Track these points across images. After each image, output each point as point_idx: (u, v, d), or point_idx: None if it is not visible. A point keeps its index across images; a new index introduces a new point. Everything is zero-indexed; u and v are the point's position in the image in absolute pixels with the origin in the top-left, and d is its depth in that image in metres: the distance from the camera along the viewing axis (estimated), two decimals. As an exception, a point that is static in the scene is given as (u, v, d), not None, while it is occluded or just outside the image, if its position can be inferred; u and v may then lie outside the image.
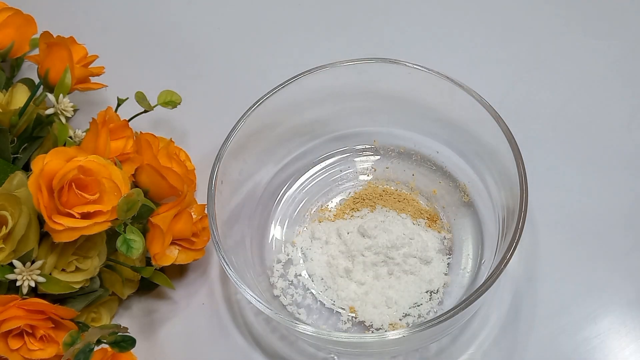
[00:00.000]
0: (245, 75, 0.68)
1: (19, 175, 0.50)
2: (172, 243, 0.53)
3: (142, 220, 0.53)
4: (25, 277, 0.47)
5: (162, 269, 0.53)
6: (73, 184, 0.47)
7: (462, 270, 0.54)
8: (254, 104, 0.55)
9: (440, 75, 0.54)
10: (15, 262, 0.47)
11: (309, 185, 0.60)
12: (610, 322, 0.53)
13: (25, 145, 0.56)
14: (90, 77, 0.60)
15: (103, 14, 0.74)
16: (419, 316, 0.53)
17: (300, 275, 0.55)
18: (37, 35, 0.62)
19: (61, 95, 0.55)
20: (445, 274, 0.54)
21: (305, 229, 0.57)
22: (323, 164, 0.60)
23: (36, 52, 0.61)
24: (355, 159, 0.60)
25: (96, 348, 0.45)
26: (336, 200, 0.59)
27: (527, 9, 0.70)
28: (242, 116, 0.54)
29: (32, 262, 0.48)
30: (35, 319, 0.47)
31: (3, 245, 0.47)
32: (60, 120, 0.55)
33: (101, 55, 0.62)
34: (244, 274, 0.51)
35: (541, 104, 0.64)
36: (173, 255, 0.53)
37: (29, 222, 0.48)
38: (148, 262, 0.55)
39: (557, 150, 0.61)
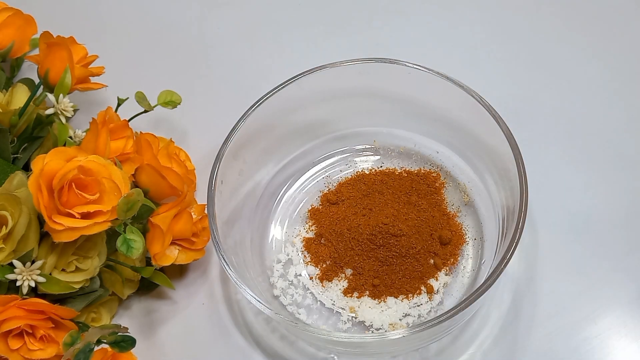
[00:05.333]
0: (245, 75, 0.68)
1: (19, 175, 0.50)
2: (172, 243, 0.53)
3: (142, 220, 0.53)
4: (25, 277, 0.47)
5: (162, 269, 0.53)
6: (73, 184, 0.47)
7: (462, 270, 0.54)
8: (254, 104, 0.55)
9: (440, 75, 0.54)
10: (15, 262, 0.47)
11: (309, 185, 0.60)
12: (610, 322, 0.53)
13: (25, 145, 0.56)
14: (90, 77, 0.60)
15: (103, 14, 0.74)
16: (419, 316, 0.53)
17: (300, 275, 0.55)
18: (37, 35, 0.62)
19: (61, 95, 0.55)
20: (446, 274, 0.54)
21: (305, 229, 0.57)
22: (323, 164, 0.60)
23: (36, 52, 0.61)
24: (355, 159, 0.60)
25: (96, 348, 0.45)
26: (336, 200, 0.59)
27: (527, 9, 0.70)
28: (242, 116, 0.54)
29: (32, 262, 0.48)
30: (35, 319, 0.47)
31: (3, 245, 0.47)
32: (60, 120, 0.55)
33: (101, 55, 0.62)
34: (244, 274, 0.51)
35: (541, 104, 0.64)
36: (173, 255, 0.53)
37: (29, 222, 0.48)
38: (148, 262, 0.55)
39: (557, 150, 0.61)
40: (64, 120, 0.55)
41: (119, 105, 0.58)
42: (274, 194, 0.59)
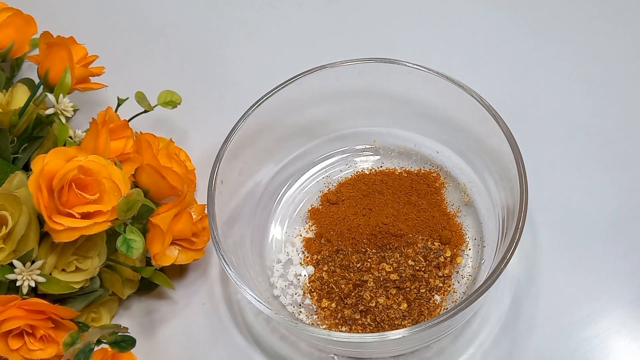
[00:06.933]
0: (245, 75, 0.68)
1: (19, 175, 0.50)
2: (172, 243, 0.53)
3: (142, 220, 0.53)
4: (25, 277, 0.47)
5: (162, 269, 0.53)
6: (73, 184, 0.47)
7: (462, 270, 0.54)
8: (254, 104, 0.55)
9: (440, 75, 0.54)
10: (15, 262, 0.47)
11: (309, 185, 0.60)
12: (610, 322, 0.53)
13: (25, 145, 0.56)
14: (90, 77, 0.60)
15: (103, 14, 0.74)
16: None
17: (300, 275, 0.55)
18: (37, 35, 0.62)
19: (61, 95, 0.55)
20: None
21: (305, 229, 0.57)
22: (323, 164, 0.60)
23: (36, 52, 0.61)
24: (355, 159, 0.60)
25: (96, 348, 0.45)
26: (336, 200, 0.59)
27: (527, 9, 0.70)
28: (242, 116, 0.54)
29: (32, 262, 0.48)
30: (35, 319, 0.47)
31: (3, 245, 0.47)
32: (60, 120, 0.55)
33: (101, 55, 0.62)
34: (244, 274, 0.51)
35: (541, 104, 0.64)
36: (173, 255, 0.53)
37: (29, 222, 0.48)
38: (148, 262, 0.55)
39: (557, 150, 0.61)
40: (64, 120, 0.55)
41: (119, 105, 0.58)
42: (274, 194, 0.59)
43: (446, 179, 0.58)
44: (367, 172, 0.59)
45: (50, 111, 0.55)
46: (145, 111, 0.59)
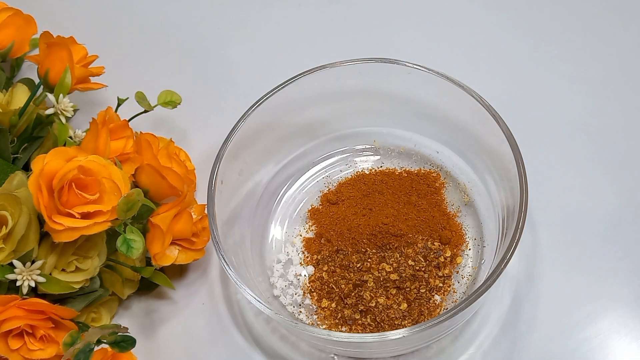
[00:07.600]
0: (245, 75, 0.68)
1: (19, 175, 0.50)
2: (172, 243, 0.53)
3: (142, 220, 0.53)
4: (25, 277, 0.47)
5: (162, 269, 0.53)
6: (73, 184, 0.47)
7: (462, 270, 0.54)
8: (254, 104, 0.55)
9: (440, 75, 0.54)
10: (15, 262, 0.47)
11: (309, 185, 0.60)
12: (610, 322, 0.53)
13: (25, 145, 0.56)
14: (90, 77, 0.60)
15: (103, 14, 0.74)
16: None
17: (300, 275, 0.55)
18: (37, 35, 0.62)
19: (61, 95, 0.55)
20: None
21: (305, 229, 0.57)
22: (323, 164, 0.60)
23: (36, 52, 0.61)
24: (355, 159, 0.61)
25: (96, 348, 0.45)
26: (336, 200, 0.59)
27: (527, 9, 0.70)
28: (242, 116, 0.54)
29: (32, 262, 0.48)
30: (35, 319, 0.47)
31: (3, 245, 0.47)
32: (60, 120, 0.55)
33: (101, 55, 0.62)
34: (244, 274, 0.51)
35: (541, 104, 0.64)
36: (173, 255, 0.53)
37: (29, 222, 0.48)
38: (148, 262, 0.55)
39: (557, 150, 0.61)
40: (64, 120, 0.55)
41: (119, 105, 0.58)
42: (274, 194, 0.59)
43: (446, 179, 0.58)
44: (367, 172, 0.59)
45: (50, 111, 0.55)
46: (145, 111, 0.59)
